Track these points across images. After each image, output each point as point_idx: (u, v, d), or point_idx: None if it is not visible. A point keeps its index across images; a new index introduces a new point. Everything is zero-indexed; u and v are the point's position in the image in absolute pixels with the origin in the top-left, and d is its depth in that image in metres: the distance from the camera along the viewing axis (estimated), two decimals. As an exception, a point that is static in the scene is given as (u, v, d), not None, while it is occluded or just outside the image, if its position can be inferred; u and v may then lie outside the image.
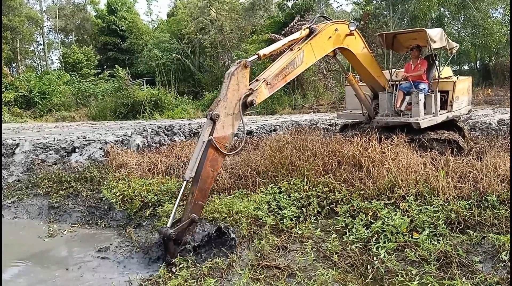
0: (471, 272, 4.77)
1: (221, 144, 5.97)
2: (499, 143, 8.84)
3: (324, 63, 24.09)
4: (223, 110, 6.04)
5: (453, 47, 9.45)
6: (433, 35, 8.58)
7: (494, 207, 5.83)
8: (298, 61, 7.21)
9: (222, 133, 6.02)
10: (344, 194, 6.65)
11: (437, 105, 8.89)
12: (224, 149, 6.04)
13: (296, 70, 7.25)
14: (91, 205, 8.25)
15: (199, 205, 5.91)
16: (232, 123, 6.17)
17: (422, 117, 8.61)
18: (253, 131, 13.57)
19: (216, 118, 5.93)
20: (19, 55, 37.62)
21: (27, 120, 25.11)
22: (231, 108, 6.14)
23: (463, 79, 10.09)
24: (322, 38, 7.73)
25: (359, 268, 5.15)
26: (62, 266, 6.20)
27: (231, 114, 6.14)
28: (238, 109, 6.16)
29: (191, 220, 5.71)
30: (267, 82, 6.63)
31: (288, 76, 7.10)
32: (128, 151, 10.44)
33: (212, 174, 6.03)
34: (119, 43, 40.18)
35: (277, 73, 6.85)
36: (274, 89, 6.89)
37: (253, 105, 6.37)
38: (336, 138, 8.57)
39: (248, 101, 6.24)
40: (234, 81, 6.13)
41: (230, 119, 6.14)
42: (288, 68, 7.03)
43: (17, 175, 10.01)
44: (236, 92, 6.15)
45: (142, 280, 5.32)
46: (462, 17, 27.61)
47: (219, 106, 5.99)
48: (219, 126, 6.01)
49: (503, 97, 21.24)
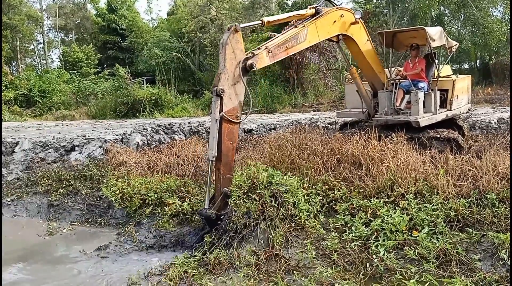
0: (470, 270, 4.77)
1: (232, 115, 6.17)
2: (499, 141, 8.82)
3: (324, 62, 24.06)
4: (226, 83, 6.11)
5: (453, 45, 9.42)
6: (433, 34, 8.57)
7: (493, 205, 5.83)
8: (301, 37, 7.34)
9: (231, 105, 6.17)
10: (344, 192, 6.64)
11: (437, 104, 8.88)
12: (236, 119, 6.25)
13: (298, 45, 7.36)
14: (91, 203, 8.26)
15: (227, 178, 6.21)
16: (237, 92, 6.26)
17: (422, 116, 8.60)
18: (253, 130, 13.56)
19: (222, 93, 6.02)
20: (19, 53, 37.60)
21: (27, 119, 25.11)
22: (233, 78, 6.20)
23: (463, 78, 10.05)
24: (327, 21, 7.91)
25: (358, 266, 5.15)
26: (61, 264, 6.21)
27: (234, 84, 6.22)
28: (239, 74, 6.21)
29: (224, 194, 6.06)
30: (269, 50, 6.70)
31: (290, 49, 7.20)
32: (128, 150, 10.43)
33: (231, 146, 6.28)
34: (119, 42, 40.16)
35: (279, 44, 6.94)
36: (275, 59, 6.95)
37: (253, 68, 6.35)
38: (335, 137, 8.56)
39: (248, 64, 6.25)
40: (229, 49, 6.15)
41: (235, 88, 6.23)
42: (291, 41, 7.13)
43: (17, 173, 10.01)
44: (234, 60, 6.19)
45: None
46: (462, 15, 27.58)
47: (222, 79, 6.07)
48: (226, 100, 6.12)
49: (503, 96, 21.21)
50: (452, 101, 9.22)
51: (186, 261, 5.56)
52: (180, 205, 7.26)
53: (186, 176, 8.44)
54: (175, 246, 6.51)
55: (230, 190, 6.12)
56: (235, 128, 6.30)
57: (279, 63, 25.35)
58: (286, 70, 25.04)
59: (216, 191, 6.21)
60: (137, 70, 35.87)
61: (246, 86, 6.39)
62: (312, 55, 22.95)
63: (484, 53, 28.41)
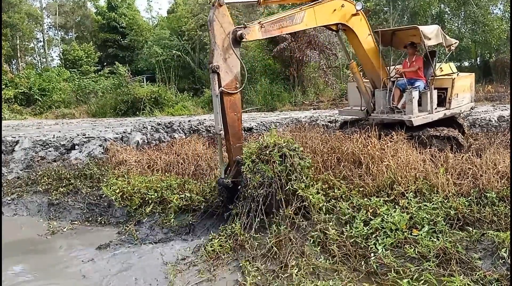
0: (470, 269, 4.77)
1: (231, 88, 6.47)
2: (499, 139, 8.82)
3: (325, 60, 24.04)
4: (220, 58, 6.34)
5: (452, 43, 9.35)
6: (428, 32, 8.56)
7: (493, 204, 5.83)
8: (297, 18, 7.50)
9: (228, 78, 6.43)
10: (344, 191, 6.64)
11: (433, 103, 8.87)
12: (236, 90, 6.53)
13: (294, 26, 7.56)
14: (91, 202, 8.26)
15: (238, 148, 6.66)
16: (232, 64, 6.50)
17: (416, 115, 8.57)
18: (253, 128, 13.55)
19: (217, 69, 6.27)
20: (19, 52, 37.60)
21: (27, 117, 25.12)
22: (225, 52, 6.42)
23: (464, 76, 9.96)
24: (327, 8, 8.03)
25: (354, 261, 5.18)
26: (61, 263, 6.21)
27: (227, 57, 6.44)
28: (229, 46, 6.41)
29: (236, 162, 6.52)
30: (262, 25, 6.92)
31: (285, 28, 7.42)
32: (128, 148, 10.43)
33: (236, 117, 6.65)
34: (119, 40, 40.13)
35: (274, 21, 7.15)
36: (267, 34, 7.16)
37: (243, 38, 6.49)
38: (336, 135, 8.55)
39: (238, 35, 6.42)
40: (217, 25, 6.32)
41: (229, 62, 6.46)
42: (286, 21, 7.34)
43: (17, 172, 10.02)
44: (223, 34, 6.36)
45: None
46: (463, 13, 27.53)
47: (215, 55, 6.30)
48: (223, 74, 6.37)
49: (503, 94, 21.19)
50: (451, 99, 9.16)
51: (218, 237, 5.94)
52: (188, 196, 7.32)
53: (186, 175, 8.44)
54: (186, 235, 6.69)
55: (241, 158, 6.49)
56: (236, 99, 6.59)
57: (279, 61, 25.38)
58: (286, 68, 25.00)
59: (230, 161, 6.66)
60: (137, 68, 35.85)
61: (239, 57, 6.59)
62: (312, 53, 22.93)
63: (484, 50, 28.36)
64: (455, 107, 9.36)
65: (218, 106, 6.31)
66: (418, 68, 9.01)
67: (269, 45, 25.10)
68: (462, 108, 9.70)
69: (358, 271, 5.04)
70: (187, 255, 5.94)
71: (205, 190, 7.47)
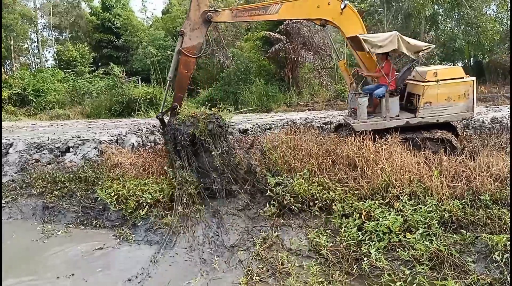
0: (464, 273, 4.82)
1: (190, 52, 8.71)
2: (492, 142, 8.87)
3: (319, 61, 24.09)
4: (188, 27, 8.66)
5: (420, 49, 8.55)
6: (374, 40, 8.29)
7: (487, 206, 5.88)
8: (272, 9, 8.67)
9: (189, 44, 8.70)
10: (339, 194, 6.67)
11: (390, 110, 8.62)
12: (193, 55, 8.76)
13: (267, 16, 8.83)
14: (86, 205, 8.22)
15: (179, 97, 8.98)
16: (196, 35, 8.66)
17: (361, 121, 8.65)
18: (248, 130, 13.55)
19: (182, 34, 8.70)
20: (13, 52, 37.37)
21: (21, 118, 24.96)
22: (194, 24, 8.60)
23: (454, 83, 8.66)
24: (310, 4, 8.68)
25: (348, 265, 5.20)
26: (56, 266, 6.19)
27: (196, 28, 8.60)
28: (199, 22, 8.57)
29: (173, 107, 8.82)
30: (232, 10, 8.76)
31: (256, 17, 8.88)
32: (123, 151, 10.37)
33: (186, 74, 8.94)
34: (113, 41, 39.97)
35: (246, 9, 8.81)
36: (237, 19, 9.05)
37: (210, 19, 8.59)
38: (330, 138, 8.59)
39: (206, 16, 8.54)
40: (195, 2, 8.51)
41: (196, 32, 8.64)
42: (259, 10, 8.71)
43: (11, 175, 9.96)
44: (198, 11, 8.54)
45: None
46: (456, 14, 27.72)
47: (185, 24, 8.66)
48: (186, 39, 8.68)
49: (496, 95, 21.35)
50: (419, 108, 8.61)
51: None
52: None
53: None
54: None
55: (177, 106, 8.70)
56: (191, 62, 8.87)
57: (274, 62, 25.40)
58: (281, 69, 25.04)
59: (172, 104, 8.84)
60: (132, 68, 35.72)
61: (204, 33, 8.68)
62: (307, 53, 22.97)
63: (477, 51, 28.54)
64: (426, 116, 8.66)
65: (175, 60, 8.89)
66: (384, 74, 8.77)
67: (264, 46, 25.13)
68: (443, 117, 8.76)
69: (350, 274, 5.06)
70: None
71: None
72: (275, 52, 23.17)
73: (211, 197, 7.62)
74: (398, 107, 8.79)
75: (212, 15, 8.49)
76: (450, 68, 9.14)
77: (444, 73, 8.75)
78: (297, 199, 6.79)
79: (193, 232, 6.77)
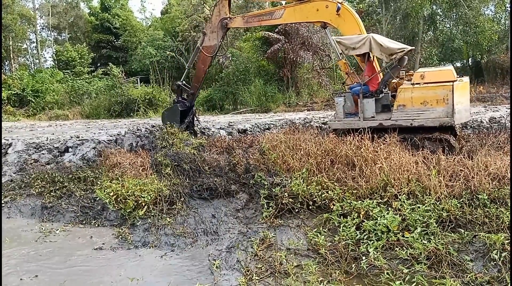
0: (462, 271, 4.82)
1: (208, 51, 10.61)
2: (490, 141, 8.88)
3: (318, 61, 24.13)
4: (208, 29, 10.59)
5: (394, 52, 8.38)
6: (347, 42, 8.52)
7: (485, 205, 5.88)
8: (277, 14, 9.63)
9: (208, 43, 10.56)
10: (337, 193, 6.69)
11: (366, 111, 8.71)
12: (210, 54, 10.62)
13: (273, 21, 10.02)
14: (85, 205, 8.21)
15: (195, 86, 11.32)
16: (214, 37, 10.42)
17: (338, 119, 9.14)
18: (247, 130, 13.58)
19: (204, 34, 10.58)
20: (11, 53, 37.37)
21: (20, 119, 24.99)
22: (213, 28, 10.38)
23: (430, 87, 8.23)
24: (310, 8, 9.24)
25: (347, 264, 5.22)
26: (55, 266, 6.19)
27: (214, 31, 10.33)
28: (218, 26, 10.28)
29: (191, 93, 11.24)
30: (244, 17, 10.24)
31: (264, 21, 10.23)
32: (122, 151, 10.38)
33: (203, 69, 10.98)
34: (112, 41, 40.03)
35: (254, 15, 10.17)
36: (248, 25, 10.41)
37: (226, 26, 10.30)
38: (329, 138, 8.60)
39: (223, 23, 10.26)
40: (217, 10, 10.30)
41: (214, 35, 10.38)
42: (265, 16, 9.90)
43: (10, 175, 9.96)
44: (218, 16, 10.31)
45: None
46: (454, 15, 27.78)
47: (207, 26, 10.70)
48: (206, 39, 10.58)
49: (494, 94, 21.41)
50: (393, 110, 8.56)
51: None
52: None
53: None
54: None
55: (193, 92, 11.23)
56: (208, 59, 10.77)
57: (273, 62, 25.43)
58: (280, 69, 25.07)
59: (191, 88, 11.29)
60: (131, 69, 35.77)
61: (221, 37, 10.40)
62: (306, 54, 23.01)
63: (476, 51, 28.62)
64: (400, 118, 8.51)
65: (195, 53, 10.97)
66: (363, 74, 8.99)
67: (263, 46, 25.16)
68: (417, 121, 8.43)
69: (348, 273, 5.08)
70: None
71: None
72: (274, 52, 23.21)
73: (211, 197, 7.63)
74: (373, 108, 8.73)
75: (227, 22, 10.10)
76: (440, 70, 8.90)
77: (431, 75, 8.40)
78: (295, 199, 6.81)
79: (192, 233, 6.78)
